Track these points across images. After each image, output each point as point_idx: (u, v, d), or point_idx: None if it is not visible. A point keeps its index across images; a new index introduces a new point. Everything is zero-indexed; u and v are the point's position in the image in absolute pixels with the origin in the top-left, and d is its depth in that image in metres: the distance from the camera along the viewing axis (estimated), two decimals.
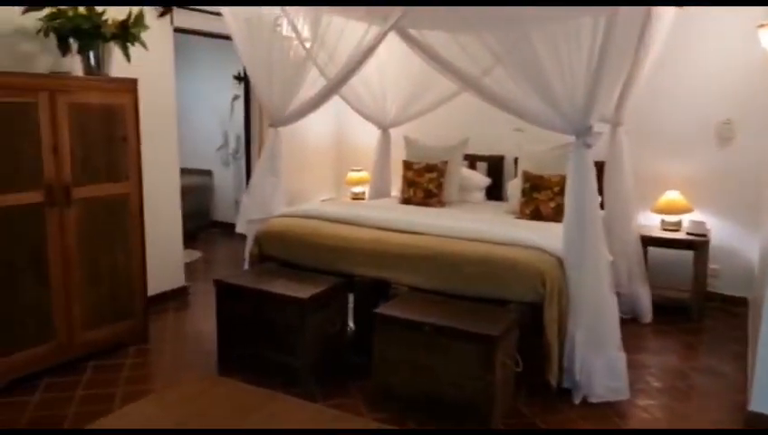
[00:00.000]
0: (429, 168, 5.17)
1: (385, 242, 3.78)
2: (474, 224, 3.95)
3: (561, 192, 4.16)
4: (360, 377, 3.57)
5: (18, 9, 3.56)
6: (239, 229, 4.45)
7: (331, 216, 4.20)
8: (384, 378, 3.28)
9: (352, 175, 6.23)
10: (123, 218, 3.89)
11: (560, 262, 3.42)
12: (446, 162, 5.18)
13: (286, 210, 4.39)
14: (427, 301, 3.45)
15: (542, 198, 4.51)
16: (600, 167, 4.18)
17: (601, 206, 4.12)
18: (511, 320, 3.16)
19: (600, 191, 4.02)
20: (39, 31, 3.68)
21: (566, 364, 3.36)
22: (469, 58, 3.96)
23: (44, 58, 3.85)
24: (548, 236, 3.65)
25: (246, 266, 4.28)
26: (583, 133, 3.33)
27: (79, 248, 3.63)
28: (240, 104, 6.76)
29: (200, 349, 4.01)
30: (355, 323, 3.91)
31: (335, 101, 4.79)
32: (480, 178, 5.50)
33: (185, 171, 7.06)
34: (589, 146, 3.35)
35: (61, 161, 3.50)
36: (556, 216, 4.24)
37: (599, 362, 3.34)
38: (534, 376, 3.30)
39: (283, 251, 4.09)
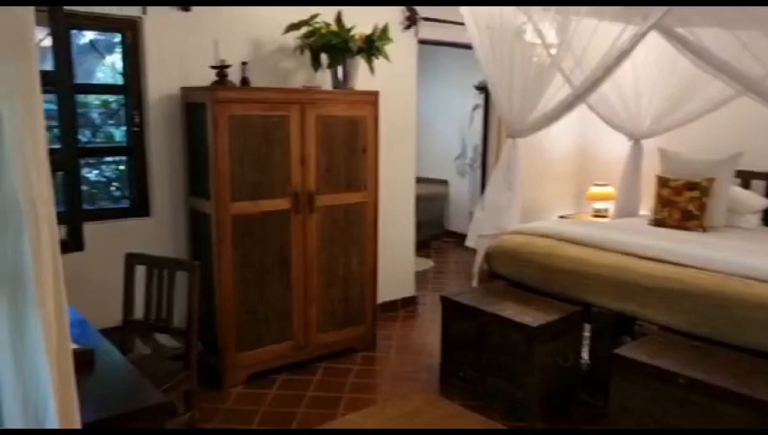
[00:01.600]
0: (690, 185, 4.47)
1: (632, 270, 3.31)
2: (749, 256, 3.27)
3: None
4: (593, 420, 3.18)
5: (282, 28, 3.85)
6: (469, 243, 4.30)
7: (569, 235, 3.83)
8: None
9: (595, 190, 5.71)
10: (359, 226, 4.00)
11: None
12: (711, 180, 4.44)
13: (520, 227, 4.13)
14: (683, 346, 2.91)
15: None
16: None
17: None
18: None
19: None
20: (296, 48, 3.96)
21: None
22: (752, 56, 3.28)
23: (300, 74, 4.14)
24: None
25: (475, 283, 4.12)
26: None
27: (318, 254, 3.82)
28: (480, 114, 6.67)
29: (424, 363, 3.95)
30: (591, 358, 3.50)
31: (580, 110, 4.38)
32: (755, 200, 4.60)
33: (421, 180, 7.19)
34: None
35: (307, 171, 3.71)
36: None
37: None
38: None
39: (514, 271, 3.84)
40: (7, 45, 0.94)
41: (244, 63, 3.63)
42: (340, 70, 3.98)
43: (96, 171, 4.08)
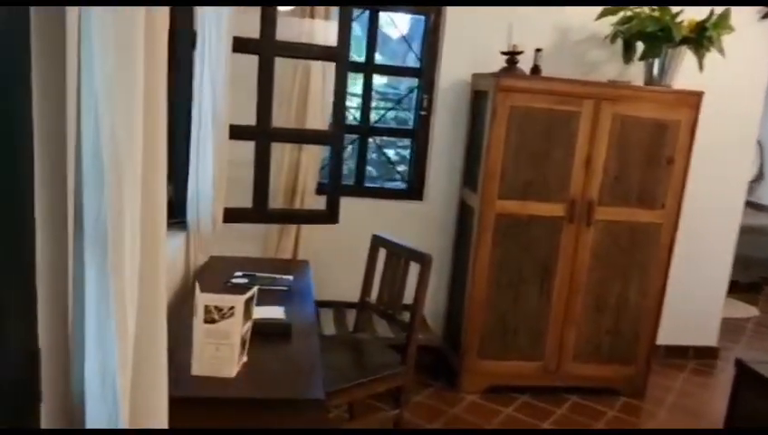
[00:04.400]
0: None
1: None
2: None
3: None
4: None
5: (593, 15, 3.41)
6: None
7: None
8: None
9: None
10: (647, 250, 3.35)
11: None
12: None
13: None
14: None
15: None
16: None
17: None
18: None
19: None
20: (606, 37, 3.47)
21: None
22: None
23: (609, 67, 3.63)
24: None
25: None
26: None
27: (589, 272, 3.32)
28: None
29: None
30: None
31: None
32: None
33: (760, 207, 5.86)
34: None
35: (591, 177, 3.23)
36: None
37: None
38: None
39: None
40: None
41: (537, 50, 3.30)
42: (656, 63, 3.36)
43: (393, 150, 4.28)
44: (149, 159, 0.97)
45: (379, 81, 4.15)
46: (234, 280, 2.41)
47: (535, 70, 3.30)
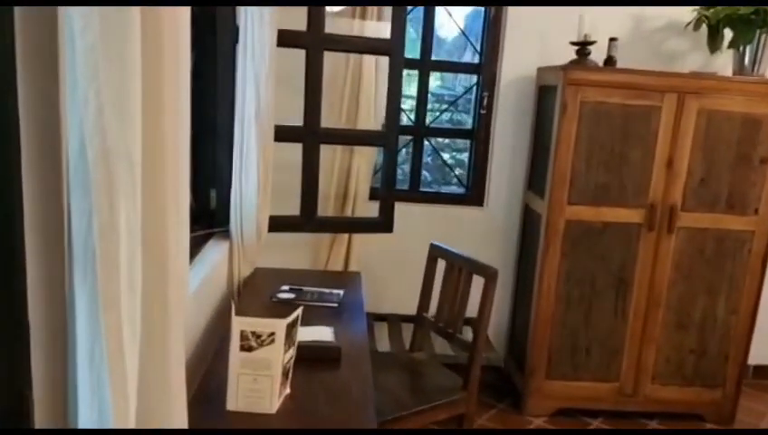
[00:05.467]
0: None
1: None
2: None
3: None
4: None
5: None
6: None
7: None
8: None
9: None
10: (737, 261, 2.99)
11: None
12: None
13: None
14: None
15: None
16: None
17: None
18: None
19: None
20: (687, 24, 3.13)
21: None
22: None
23: (692, 57, 3.29)
24: None
25: None
26: None
27: (670, 285, 2.99)
28: None
29: None
30: None
31: None
32: None
33: None
34: None
35: (673, 179, 2.90)
36: None
37: None
38: None
39: None
40: None
41: (612, 40, 2.99)
42: (747, 51, 3.00)
43: (448, 154, 4.02)
44: (155, 154, 0.77)
45: (433, 82, 3.91)
46: (279, 295, 2.21)
47: (609, 61, 2.98)
